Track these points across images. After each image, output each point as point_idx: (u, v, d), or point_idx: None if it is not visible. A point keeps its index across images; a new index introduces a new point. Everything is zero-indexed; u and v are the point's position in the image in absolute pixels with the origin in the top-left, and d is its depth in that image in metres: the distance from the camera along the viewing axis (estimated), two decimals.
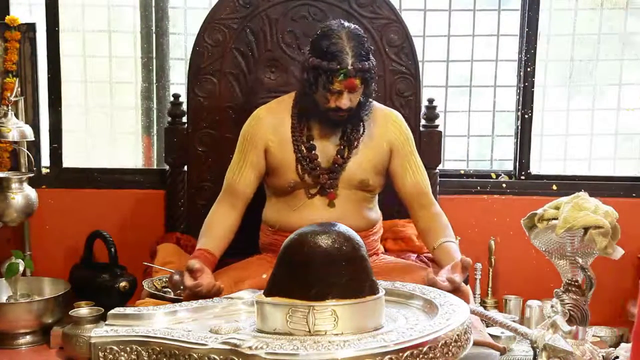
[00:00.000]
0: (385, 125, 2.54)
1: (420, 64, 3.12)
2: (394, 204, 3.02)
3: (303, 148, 2.47)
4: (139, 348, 1.65)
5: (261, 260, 2.54)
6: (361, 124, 2.49)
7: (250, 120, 2.56)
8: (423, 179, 2.56)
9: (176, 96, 3.09)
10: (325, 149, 2.48)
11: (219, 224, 2.48)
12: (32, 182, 3.12)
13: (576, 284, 2.10)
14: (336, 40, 2.33)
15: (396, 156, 2.53)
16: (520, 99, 3.38)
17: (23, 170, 3.15)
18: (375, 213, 2.63)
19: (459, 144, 3.53)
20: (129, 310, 1.86)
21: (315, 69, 2.35)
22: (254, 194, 2.58)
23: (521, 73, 3.36)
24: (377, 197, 2.65)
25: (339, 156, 2.47)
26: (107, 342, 1.67)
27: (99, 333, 1.69)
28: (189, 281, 2.19)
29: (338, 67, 2.31)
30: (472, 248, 3.29)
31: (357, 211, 2.52)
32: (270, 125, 2.51)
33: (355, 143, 2.48)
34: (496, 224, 3.32)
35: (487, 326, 2.55)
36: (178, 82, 3.46)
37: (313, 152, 2.47)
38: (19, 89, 3.18)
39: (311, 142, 2.48)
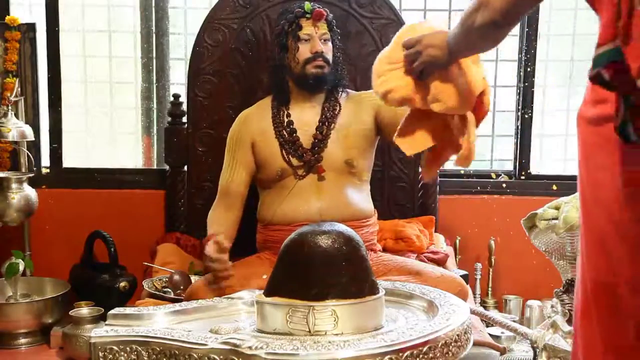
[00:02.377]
0: (362, 101, 2.63)
1: None
2: (394, 203, 3.03)
3: (285, 133, 2.57)
4: (139, 348, 1.66)
5: (260, 259, 2.55)
6: (338, 104, 2.60)
7: (236, 122, 2.69)
8: None
9: (176, 96, 3.10)
10: (306, 131, 2.57)
11: (222, 223, 2.54)
12: (32, 182, 3.11)
13: None
14: (294, 6, 2.59)
15: (382, 110, 2.55)
16: (520, 99, 3.38)
17: (23, 170, 3.15)
18: (369, 204, 2.64)
19: None
20: (129, 310, 1.86)
21: (282, 30, 2.56)
22: (250, 196, 2.64)
23: (521, 73, 3.36)
24: (368, 188, 2.66)
25: (318, 132, 2.56)
26: (107, 342, 1.67)
27: (99, 333, 1.70)
28: (214, 252, 2.24)
29: (302, 10, 2.52)
30: (472, 248, 3.30)
31: (347, 199, 2.55)
32: (253, 122, 2.63)
33: (333, 119, 2.57)
34: (496, 224, 3.32)
35: (487, 326, 2.55)
36: (178, 82, 3.45)
37: (294, 134, 2.56)
38: (19, 89, 3.18)
39: (291, 126, 2.57)
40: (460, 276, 2.48)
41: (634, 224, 1.31)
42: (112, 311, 1.81)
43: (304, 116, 2.59)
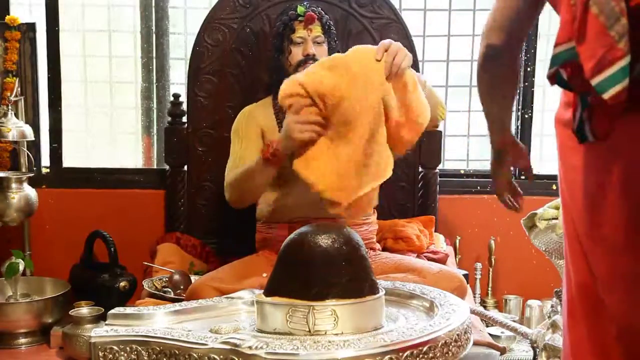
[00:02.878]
0: None
1: (420, 64, 3.12)
2: (394, 203, 3.03)
3: None
4: (139, 348, 1.65)
5: (260, 257, 2.55)
6: None
7: (239, 116, 2.68)
8: None
9: (176, 96, 3.10)
10: None
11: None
12: (32, 182, 3.11)
13: None
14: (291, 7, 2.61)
15: None
16: (520, 99, 3.38)
17: (23, 170, 3.15)
18: None
19: (459, 144, 3.53)
20: (129, 310, 1.86)
21: (277, 32, 2.60)
22: None
23: (521, 73, 3.36)
24: None
25: None
26: (107, 342, 1.67)
27: (99, 333, 1.69)
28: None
29: (295, 12, 2.54)
30: (472, 248, 3.30)
31: None
32: (258, 116, 2.63)
33: None
34: (496, 224, 3.32)
35: (487, 326, 2.56)
36: (178, 82, 3.46)
37: None
38: (19, 89, 3.18)
39: None
40: None
41: (603, 224, 1.32)
42: (112, 311, 1.81)
43: None
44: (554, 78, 1.32)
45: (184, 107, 3.08)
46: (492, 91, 1.70)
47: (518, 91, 3.37)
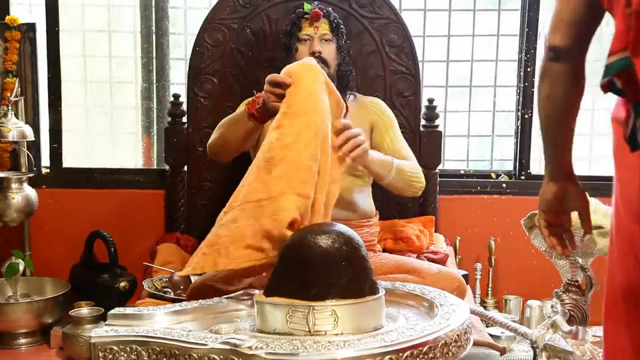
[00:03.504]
0: (366, 108, 2.68)
1: (420, 64, 3.12)
2: (394, 204, 3.03)
3: None
4: (139, 348, 1.65)
5: None
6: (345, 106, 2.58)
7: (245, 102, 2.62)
8: (401, 147, 2.63)
9: (176, 96, 3.10)
10: None
11: None
12: (32, 182, 3.11)
13: (576, 284, 2.10)
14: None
15: (375, 130, 2.65)
16: (520, 99, 3.38)
17: (23, 170, 3.15)
18: (369, 205, 2.65)
19: (459, 144, 3.53)
20: (129, 310, 1.86)
21: (286, 30, 2.61)
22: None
23: (521, 73, 3.36)
24: (370, 189, 2.66)
25: None
26: (107, 342, 1.67)
27: (99, 333, 1.70)
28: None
29: (302, 10, 2.56)
30: (472, 248, 3.30)
31: (348, 198, 2.54)
32: None
33: None
34: (496, 224, 3.32)
35: (487, 326, 2.55)
36: (178, 82, 3.46)
37: None
38: (19, 89, 3.18)
39: None
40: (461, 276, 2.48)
41: None
42: (112, 311, 1.81)
43: None
44: (607, 87, 1.30)
45: (184, 107, 3.08)
46: (551, 103, 1.56)
47: (519, 91, 3.37)
